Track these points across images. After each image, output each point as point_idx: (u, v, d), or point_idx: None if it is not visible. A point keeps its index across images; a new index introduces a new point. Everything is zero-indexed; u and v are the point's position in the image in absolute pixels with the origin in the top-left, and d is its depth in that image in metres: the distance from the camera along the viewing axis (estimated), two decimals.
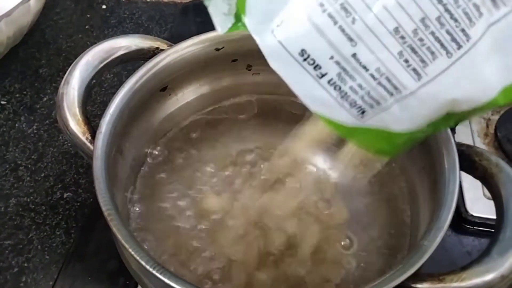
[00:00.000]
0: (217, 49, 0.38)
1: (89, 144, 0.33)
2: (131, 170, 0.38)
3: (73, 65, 0.35)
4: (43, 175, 0.47)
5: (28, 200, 0.45)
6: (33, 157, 0.49)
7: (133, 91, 0.35)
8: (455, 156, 0.31)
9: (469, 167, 0.31)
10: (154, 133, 0.40)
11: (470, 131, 0.50)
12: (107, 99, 0.54)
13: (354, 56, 0.23)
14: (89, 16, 0.64)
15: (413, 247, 0.32)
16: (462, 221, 0.44)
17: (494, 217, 0.43)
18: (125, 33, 0.62)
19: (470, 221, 0.43)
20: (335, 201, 0.37)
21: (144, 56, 0.37)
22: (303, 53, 0.24)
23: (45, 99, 0.54)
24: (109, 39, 0.36)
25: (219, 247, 0.35)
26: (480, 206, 0.44)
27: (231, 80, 0.42)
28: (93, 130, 0.33)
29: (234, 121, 0.42)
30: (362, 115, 0.25)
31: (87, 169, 0.48)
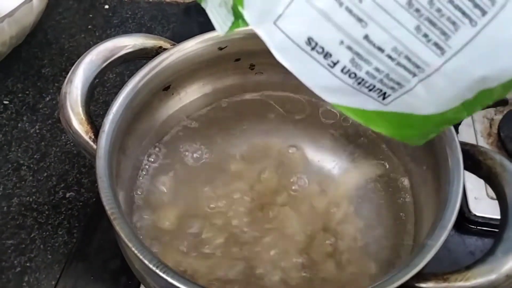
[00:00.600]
0: (220, 48, 0.38)
1: (92, 143, 0.33)
2: (134, 169, 0.38)
3: (76, 64, 0.35)
4: (45, 174, 0.47)
5: (30, 199, 0.45)
6: (35, 156, 0.49)
7: (136, 90, 0.35)
8: (459, 155, 0.31)
9: (473, 166, 0.31)
10: (156, 132, 0.40)
11: (473, 131, 0.50)
12: (110, 98, 0.54)
13: (366, 37, 0.21)
14: (91, 16, 0.64)
15: (417, 247, 0.32)
16: (465, 221, 0.43)
17: (497, 217, 0.42)
18: (128, 33, 0.62)
19: (473, 221, 0.43)
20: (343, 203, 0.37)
21: (147, 55, 0.37)
22: (310, 41, 0.22)
23: (47, 98, 0.54)
24: (113, 38, 0.36)
25: (225, 246, 0.35)
26: (483, 206, 0.44)
27: (234, 79, 0.42)
28: (96, 129, 0.33)
29: (237, 120, 0.42)
30: (383, 99, 0.23)
31: (89, 169, 0.48)
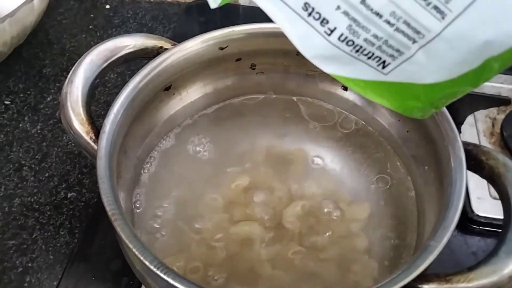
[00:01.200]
0: (221, 48, 0.38)
1: (93, 143, 0.33)
2: (135, 169, 0.37)
3: (77, 64, 0.34)
4: (47, 175, 0.47)
5: (32, 200, 0.45)
6: (37, 157, 0.49)
7: (137, 91, 0.34)
8: (462, 155, 0.31)
9: (476, 166, 0.31)
10: (158, 132, 0.40)
11: (476, 130, 0.50)
12: (111, 98, 0.54)
13: (363, 2, 0.20)
14: (92, 16, 0.64)
15: (420, 247, 0.32)
16: (468, 221, 0.43)
17: (500, 217, 0.42)
18: (129, 32, 0.62)
19: (476, 221, 0.43)
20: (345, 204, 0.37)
21: (148, 55, 0.37)
22: (306, 6, 0.21)
23: (49, 99, 0.54)
24: (113, 38, 0.36)
25: (225, 246, 0.35)
26: (486, 206, 0.44)
27: (235, 79, 0.42)
28: (97, 129, 0.33)
29: (238, 121, 0.42)
30: (383, 68, 0.22)
31: (91, 169, 0.48)
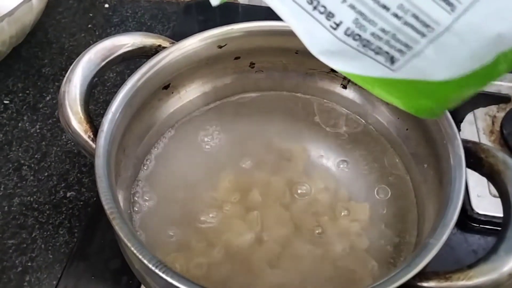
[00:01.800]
0: (220, 47, 0.38)
1: (91, 142, 0.33)
2: (134, 168, 0.37)
3: (75, 63, 0.34)
4: (46, 174, 0.47)
5: (31, 199, 0.45)
6: (36, 156, 0.49)
7: (135, 89, 0.34)
8: (461, 153, 0.30)
9: (476, 164, 0.31)
10: (156, 131, 0.39)
11: (475, 128, 0.50)
12: (110, 98, 0.54)
13: None
14: (91, 15, 0.64)
15: (419, 245, 0.32)
16: (467, 219, 0.43)
17: (500, 215, 0.42)
18: (128, 31, 0.62)
19: (475, 219, 0.43)
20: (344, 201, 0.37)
21: (146, 53, 0.37)
22: (311, 0, 0.20)
23: (48, 98, 0.54)
24: (111, 36, 0.36)
25: (224, 246, 0.34)
26: (486, 203, 0.43)
27: (234, 78, 0.42)
28: (95, 128, 0.33)
29: (237, 119, 0.42)
30: (391, 64, 0.22)
31: (90, 168, 0.48)
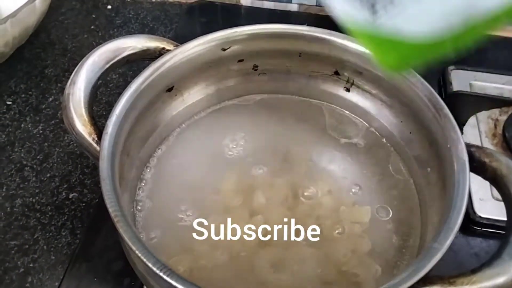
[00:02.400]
0: (223, 49, 0.38)
1: (95, 145, 0.33)
2: (137, 170, 0.37)
3: (79, 65, 0.34)
4: (48, 175, 0.47)
5: (33, 200, 0.45)
6: (38, 157, 0.49)
7: (139, 92, 0.34)
8: (465, 157, 0.31)
9: (479, 168, 0.31)
10: (160, 133, 0.39)
11: (478, 132, 0.50)
12: (113, 99, 0.54)
13: None
14: (94, 16, 0.64)
15: (423, 249, 0.32)
16: (470, 222, 0.43)
17: (502, 218, 0.42)
18: (130, 33, 0.62)
19: (478, 222, 0.43)
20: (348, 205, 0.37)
21: (150, 56, 0.37)
22: None
23: (50, 99, 0.54)
24: (115, 39, 0.36)
25: (228, 246, 0.34)
26: (488, 207, 0.44)
27: (237, 80, 0.42)
28: (99, 130, 0.33)
29: (240, 122, 0.42)
30: (373, 12, 0.22)
31: (92, 170, 0.48)
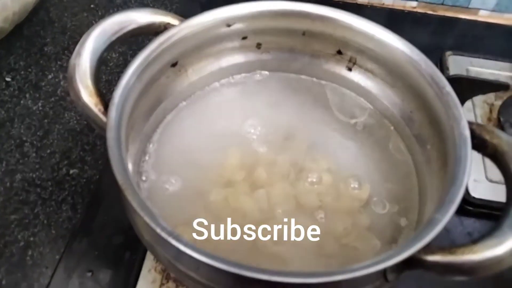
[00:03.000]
0: (228, 25, 0.38)
1: (101, 115, 0.33)
2: (141, 143, 0.37)
3: (85, 36, 0.34)
4: (48, 151, 0.47)
5: (33, 176, 0.45)
6: (38, 133, 0.49)
7: (145, 65, 0.34)
8: (467, 133, 0.31)
9: (480, 145, 0.32)
10: (163, 108, 0.40)
11: (474, 116, 0.51)
12: (112, 78, 0.54)
13: None
14: None
15: (421, 225, 0.33)
16: (464, 202, 0.44)
17: (496, 199, 0.43)
18: None
19: (472, 203, 0.44)
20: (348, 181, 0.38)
21: (155, 30, 0.37)
22: None
23: (50, 76, 0.54)
24: (121, 12, 0.36)
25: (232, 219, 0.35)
26: (482, 188, 0.44)
27: (240, 57, 0.42)
28: (105, 102, 0.33)
29: (242, 99, 0.42)
30: None
31: (92, 147, 0.48)
